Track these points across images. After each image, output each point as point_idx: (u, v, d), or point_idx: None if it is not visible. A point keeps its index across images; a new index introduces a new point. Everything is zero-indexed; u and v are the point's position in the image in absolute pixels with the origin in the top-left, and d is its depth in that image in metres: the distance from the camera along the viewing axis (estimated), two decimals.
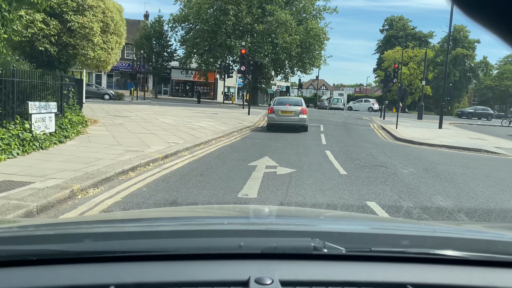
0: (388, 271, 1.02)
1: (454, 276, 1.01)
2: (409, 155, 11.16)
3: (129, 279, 0.92)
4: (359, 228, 1.44)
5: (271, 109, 16.14)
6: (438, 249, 1.09)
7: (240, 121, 19.31)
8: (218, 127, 15.40)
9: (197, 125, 15.77)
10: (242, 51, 23.71)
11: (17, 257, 1.00)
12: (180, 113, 21.73)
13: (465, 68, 58.59)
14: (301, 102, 16.82)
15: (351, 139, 14.34)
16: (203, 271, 0.96)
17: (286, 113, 15.89)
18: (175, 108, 26.79)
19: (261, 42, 39.32)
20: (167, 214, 2.05)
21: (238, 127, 16.31)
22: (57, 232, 1.20)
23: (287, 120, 15.86)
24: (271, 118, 16.03)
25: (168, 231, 1.23)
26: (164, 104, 31.07)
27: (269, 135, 14.61)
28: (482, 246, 1.16)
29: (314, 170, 8.00)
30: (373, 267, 1.03)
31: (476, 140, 16.51)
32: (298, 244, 1.05)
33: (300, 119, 15.83)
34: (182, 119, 17.86)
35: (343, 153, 10.72)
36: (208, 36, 41.55)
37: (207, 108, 29.80)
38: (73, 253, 1.01)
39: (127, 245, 1.05)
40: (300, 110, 15.88)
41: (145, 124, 14.26)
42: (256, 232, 1.23)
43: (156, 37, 44.53)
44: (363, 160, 9.63)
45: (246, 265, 0.99)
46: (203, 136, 12.02)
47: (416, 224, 1.88)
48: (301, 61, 43.33)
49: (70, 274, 0.94)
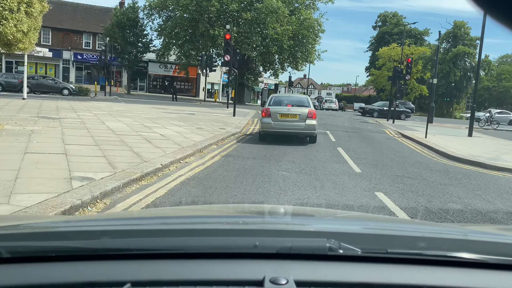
0: (404, 273, 0.99)
1: (472, 280, 0.99)
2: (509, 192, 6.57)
3: (145, 277, 0.92)
4: (375, 229, 1.39)
5: (266, 111, 11.30)
6: (455, 252, 1.05)
7: (222, 126, 14.45)
8: (189, 137, 10.52)
9: (158, 133, 10.85)
10: (227, 36, 18.80)
11: (36, 253, 1.00)
12: (144, 114, 16.72)
13: (466, 67, 54.69)
14: (307, 101, 12.06)
15: (388, 159, 9.61)
16: (218, 270, 0.95)
17: (287, 117, 11.09)
18: (143, 106, 21.72)
19: (248, 32, 34.36)
20: (183, 213, 2.01)
21: (218, 135, 11.46)
22: (75, 229, 1.22)
23: (289, 127, 11.07)
24: (266, 124, 11.20)
25: (184, 229, 1.22)
26: (133, 102, 25.93)
27: (264, 149, 9.81)
28: (501, 249, 1.12)
29: None
30: (389, 269, 1.01)
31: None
32: (314, 245, 1.03)
33: (308, 126, 11.05)
34: (141, 123, 12.90)
35: (403, 192, 6.03)
36: (189, 25, 36.39)
37: (183, 107, 24.76)
38: (90, 250, 1.00)
39: (143, 243, 1.05)
40: (307, 113, 11.10)
41: (73, 133, 9.27)
42: (271, 232, 1.21)
43: (130, 26, 39.12)
44: (453, 213, 4.98)
45: (261, 264, 0.98)
46: (155, 158, 7.12)
47: (433, 226, 1.86)
48: (293, 55, 38.51)
49: (87, 270, 0.94)
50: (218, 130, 12.97)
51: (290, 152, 9.57)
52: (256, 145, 10.60)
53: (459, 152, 11.00)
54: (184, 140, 9.75)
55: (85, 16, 46.31)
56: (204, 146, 9.27)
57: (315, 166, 7.99)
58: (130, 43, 39.33)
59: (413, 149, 12.11)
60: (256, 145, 10.50)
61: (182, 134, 11.01)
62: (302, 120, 11.03)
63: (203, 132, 11.87)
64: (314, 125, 11.12)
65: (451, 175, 8.01)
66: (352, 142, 12.61)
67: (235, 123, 16.26)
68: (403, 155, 10.38)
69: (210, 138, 10.70)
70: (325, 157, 9.25)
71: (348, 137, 14.13)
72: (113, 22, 38.70)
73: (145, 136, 9.85)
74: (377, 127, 20.53)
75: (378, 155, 10.13)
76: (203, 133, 11.72)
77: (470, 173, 8.38)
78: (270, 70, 41.64)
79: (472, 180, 7.63)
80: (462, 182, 7.31)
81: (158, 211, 2.78)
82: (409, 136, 15.83)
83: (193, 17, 35.38)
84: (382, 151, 11.03)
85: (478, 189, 6.75)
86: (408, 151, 11.49)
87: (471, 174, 8.27)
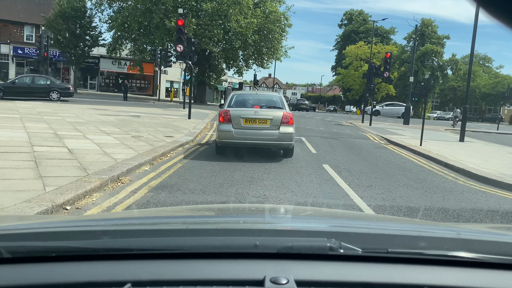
0: (405, 273, 0.99)
1: (473, 279, 0.98)
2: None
3: (145, 277, 0.91)
4: (375, 229, 1.36)
5: (224, 114, 8.11)
6: (456, 251, 1.05)
7: (170, 132, 11.18)
8: (111, 152, 7.21)
9: (67, 146, 7.46)
10: (179, 22, 15.45)
11: (36, 253, 0.99)
12: (71, 117, 13.14)
13: (433, 66, 53.62)
14: (280, 101, 8.95)
15: (402, 186, 6.65)
16: (219, 270, 0.94)
17: (254, 123, 7.96)
18: (81, 107, 17.98)
19: (209, 25, 31.00)
20: (183, 213, 1.97)
21: (158, 148, 8.22)
22: (75, 229, 1.19)
23: (257, 137, 7.94)
24: (224, 132, 8.03)
25: (185, 229, 1.20)
26: (74, 102, 22.02)
27: (220, 171, 6.66)
28: (502, 249, 1.10)
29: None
30: (389, 268, 1.00)
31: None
32: (314, 244, 1.02)
33: (283, 135, 7.97)
34: (55, 131, 9.40)
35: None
36: (143, 16, 32.64)
37: (132, 107, 21.13)
38: (91, 250, 0.99)
39: (144, 243, 1.04)
40: (281, 117, 8.02)
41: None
42: (271, 232, 1.20)
43: (75, 17, 34.73)
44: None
45: (262, 264, 0.97)
46: (8, 207, 3.81)
47: (434, 226, 1.82)
48: (258, 51, 35.50)
49: (88, 270, 0.94)
50: (162, 139, 9.70)
51: (259, 176, 6.47)
52: (210, 162, 7.44)
53: (484, 170, 8.26)
54: (99, 159, 6.44)
55: (27, 6, 41.25)
56: (127, 170, 6.01)
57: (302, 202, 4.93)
58: (76, 36, 34.96)
59: (419, 164, 9.27)
60: (210, 164, 7.34)
61: (104, 147, 7.67)
62: (274, 127, 7.94)
63: (139, 144, 8.58)
64: (291, 134, 8.07)
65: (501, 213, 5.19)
66: (338, 154, 9.68)
67: (189, 128, 13.02)
68: (417, 177, 7.46)
69: (144, 153, 7.44)
70: (312, 184, 6.20)
71: (330, 146, 11.20)
72: (56, 12, 34.23)
73: (39, 154, 6.46)
74: (355, 131, 17.80)
75: (383, 177, 7.17)
76: (137, 144, 8.43)
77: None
78: (234, 67, 38.34)
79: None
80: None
81: (159, 211, 2.69)
82: (398, 143, 13.13)
83: (147, 7, 31.63)
84: (385, 169, 8.11)
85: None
86: (417, 168, 8.62)
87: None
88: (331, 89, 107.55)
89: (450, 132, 21.95)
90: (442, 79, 56.35)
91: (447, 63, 54.83)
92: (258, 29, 33.32)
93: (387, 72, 21.15)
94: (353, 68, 57.21)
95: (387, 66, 21.16)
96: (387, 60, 21.31)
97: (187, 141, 10.06)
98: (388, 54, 21.60)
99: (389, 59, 21.37)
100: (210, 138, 11.28)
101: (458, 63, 55.51)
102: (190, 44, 15.99)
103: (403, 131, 19.28)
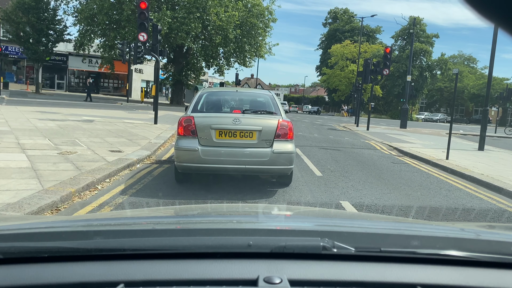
0: (398, 272, 0.98)
1: (465, 277, 0.98)
2: None
3: (138, 277, 0.90)
4: (369, 228, 1.33)
5: (185, 123, 5.16)
6: (449, 250, 1.03)
7: (124, 143, 8.22)
8: (2, 185, 4.26)
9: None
10: (142, 5, 12.46)
11: (28, 253, 0.97)
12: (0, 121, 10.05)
13: (422, 66, 51.69)
14: (272, 103, 5.95)
15: None
16: (212, 270, 0.93)
17: (234, 138, 5.05)
18: (25, 109, 14.73)
19: (186, 18, 27.95)
20: (176, 213, 1.93)
21: (86, 175, 5.28)
22: (68, 230, 1.17)
23: (239, 161, 5.00)
24: (186, 152, 5.05)
25: (178, 229, 1.18)
26: (25, 103, 18.70)
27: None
28: (494, 247, 1.10)
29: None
30: (383, 267, 0.99)
31: None
32: (308, 244, 1.01)
33: (277, 156, 5.07)
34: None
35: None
36: (111, 8, 29.39)
37: (91, 109, 17.91)
38: (83, 251, 0.98)
39: (136, 243, 1.02)
40: (275, 128, 5.14)
41: None
42: (265, 231, 1.18)
43: (37, 8, 31.18)
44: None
45: (255, 264, 0.96)
46: None
47: (426, 225, 1.77)
48: (240, 48, 32.57)
49: (80, 271, 0.92)
50: (103, 156, 6.75)
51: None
52: (162, 201, 4.55)
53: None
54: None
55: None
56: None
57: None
58: (38, 30, 31.42)
59: (471, 193, 6.54)
60: (161, 203, 4.45)
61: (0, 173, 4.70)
62: (265, 144, 5.06)
63: (59, 167, 5.61)
64: (291, 154, 5.17)
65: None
66: (353, 177, 6.88)
67: (151, 137, 10.07)
68: (484, 218, 4.76)
69: (52, 187, 4.50)
70: None
71: (336, 163, 8.42)
72: (14, 3, 30.65)
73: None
74: (355, 138, 15.08)
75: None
76: (56, 169, 5.46)
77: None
78: (214, 66, 35.29)
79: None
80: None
81: (152, 210, 2.64)
82: (416, 155, 10.44)
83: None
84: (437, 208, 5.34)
85: None
86: (475, 201, 5.89)
87: None
88: (314, 90, 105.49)
89: (456, 137, 19.49)
90: (431, 79, 54.49)
91: (436, 63, 52.94)
92: (240, 24, 30.46)
93: (387, 69, 18.55)
94: (339, 68, 54.93)
95: (387, 62, 18.56)
96: (387, 55, 18.71)
97: (141, 158, 7.14)
98: (388, 49, 18.99)
99: (389, 55, 18.77)
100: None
101: (448, 63, 53.61)
102: (156, 31, 13.05)
103: (408, 137, 16.71)
